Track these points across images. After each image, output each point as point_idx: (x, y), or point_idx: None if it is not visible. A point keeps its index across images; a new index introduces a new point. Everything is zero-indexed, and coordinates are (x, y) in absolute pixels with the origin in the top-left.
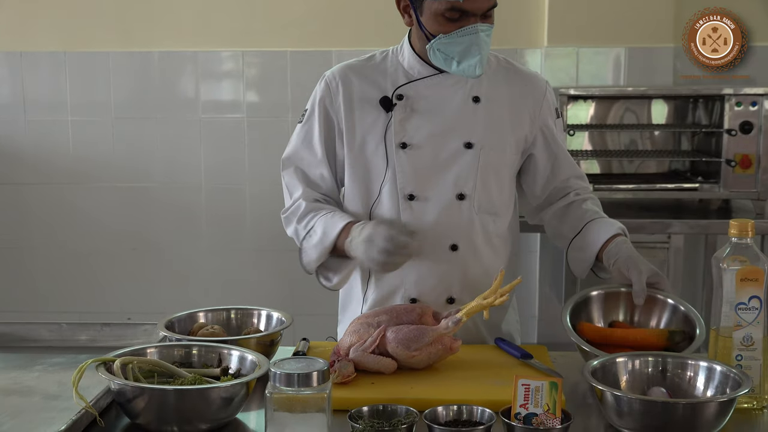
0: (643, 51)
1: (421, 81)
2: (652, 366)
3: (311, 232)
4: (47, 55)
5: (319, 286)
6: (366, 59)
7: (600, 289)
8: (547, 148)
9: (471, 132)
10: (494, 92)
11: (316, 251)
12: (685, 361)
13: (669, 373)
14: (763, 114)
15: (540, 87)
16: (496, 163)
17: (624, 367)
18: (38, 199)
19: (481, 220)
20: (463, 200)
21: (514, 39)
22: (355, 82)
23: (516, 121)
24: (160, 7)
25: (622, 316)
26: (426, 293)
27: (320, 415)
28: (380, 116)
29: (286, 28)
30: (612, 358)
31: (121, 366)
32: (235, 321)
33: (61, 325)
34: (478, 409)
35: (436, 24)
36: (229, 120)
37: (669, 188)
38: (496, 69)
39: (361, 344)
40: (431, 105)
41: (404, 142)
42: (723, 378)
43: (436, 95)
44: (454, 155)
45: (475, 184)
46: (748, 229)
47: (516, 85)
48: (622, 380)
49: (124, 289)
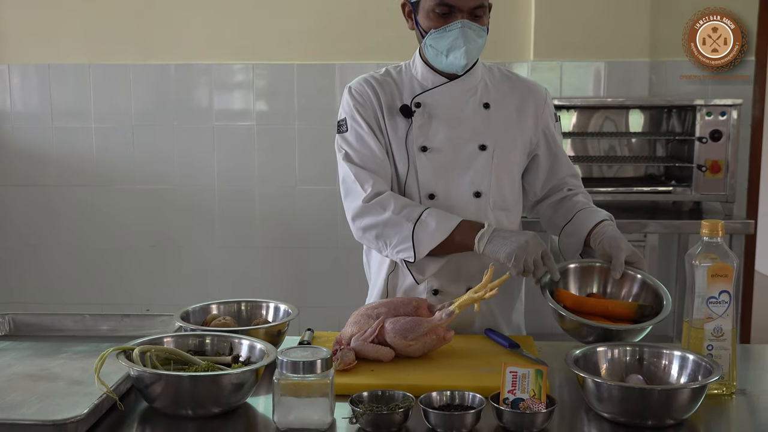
0: (621, 65)
1: (436, 90)
2: (630, 355)
3: (421, 222)
4: (73, 67)
5: (322, 281)
6: (383, 73)
7: (577, 263)
8: (548, 149)
9: (484, 135)
10: (501, 99)
11: (433, 240)
12: (661, 351)
13: (645, 361)
14: (732, 123)
15: (541, 94)
16: (507, 163)
17: (604, 356)
18: (64, 201)
19: (495, 216)
20: (480, 198)
21: (503, 53)
22: (379, 92)
23: (522, 125)
24: (177, 24)
25: (596, 288)
26: (447, 285)
27: (324, 400)
28: (401, 123)
29: (293, 43)
30: (593, 348)
31: (139, 354)
32: (246, 313)
33: (85, 316)
34: (469, 394)
35: (428, 20)
36: (240, 127)
37: (645, 191)
38: (500, 78)
39: (361, 334)
40: (447, 111)
41: (424, 145)
42: (695, 366)
43: (450, 102)
44: (470, 157)
45: (490, 182)
46: (718, 229)
47: (519, 92)
48: (602, 368)
49: (143, 283)
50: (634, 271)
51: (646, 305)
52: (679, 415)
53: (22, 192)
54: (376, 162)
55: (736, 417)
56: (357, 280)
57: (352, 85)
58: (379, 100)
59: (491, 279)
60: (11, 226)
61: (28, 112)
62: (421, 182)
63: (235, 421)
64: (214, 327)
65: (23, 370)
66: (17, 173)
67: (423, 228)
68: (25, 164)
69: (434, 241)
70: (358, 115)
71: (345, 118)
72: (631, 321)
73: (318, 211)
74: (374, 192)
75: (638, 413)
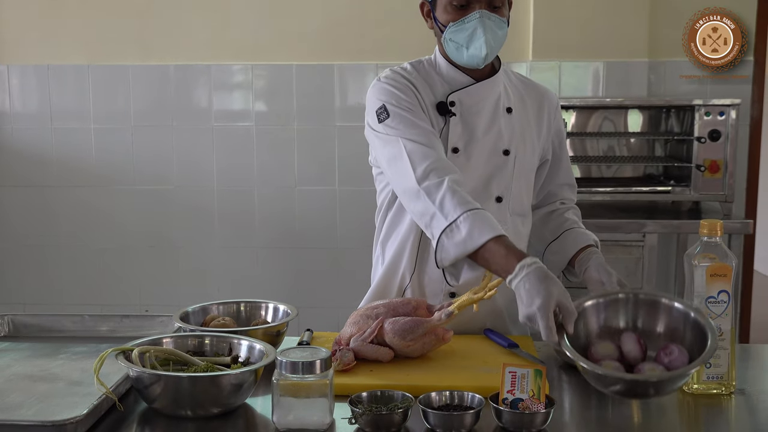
0: (620, 65)
1: (466, 90)
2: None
3: (453, 227)
4: (72, 68)
5: (321, 281)
6: (409, 68)
7: (596, 297)
8: (555, 154)
9: (509, 140)
10: (519, 104)
11: (457, 251)
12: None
13: (640, 318)
14: (730, 123)
15: (553, 99)
16: (526, 169)
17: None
18: (63, 201)
19: (513, 221)
20: (500, 203)
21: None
22: (415, 83)
23: (538, 130)
24: (176, 24)
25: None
26: (465, 289)
27: (323, 400)
28: (436, 120)
29: (292, 44)
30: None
31: (139, 354)
32: (245, 313)
33: (84, 317)
34: (468, 394)
35: (446, 14)
36: (239, 128)
37: (644, 191)
38: (517, 83)
39: (360, 335)
40: (479, 113)
41: (456, 146)
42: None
43: (477, 105)
44: (496, 161)
45: (511, 188)
46: (717, 228)
47: (534, 98)
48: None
49: (142, 283)
50: (669, 301)
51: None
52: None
53: (22, 193)
54: (429, 139)
55: (735, 417)
56: (356, 281)
57: (384, 77)
58: (416, 90)
59: (490, 280)
60: (10, 227)
61: (28, 113)
62: None
63: (235, 421)
64: (213, 328)
65: (23, 370)
66: (16, 174)
67: (451, 235)
68: (25, 165)
69: (457, 251)
70: (402, 99)
71: (383, 105)
72: None
73: (317, 212)
74: (428, 170)
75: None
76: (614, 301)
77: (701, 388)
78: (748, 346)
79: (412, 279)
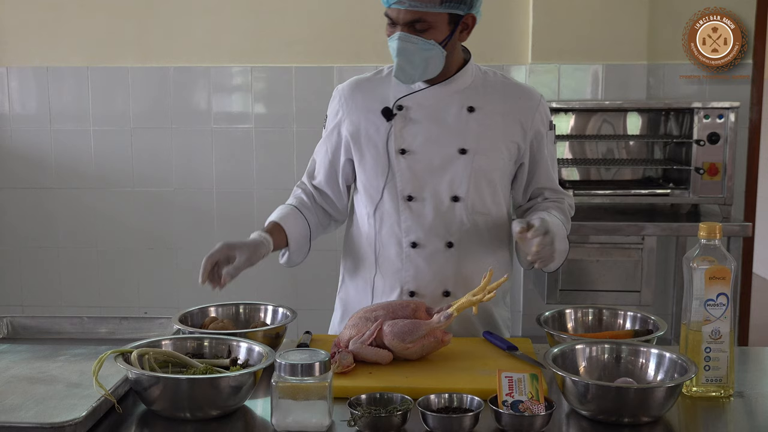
0: (619, 68)
1: (420, 93)
2: (608, 353)
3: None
4: (71, 69)
5: (320, 284)
6: (374, 74)
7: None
8: (533, 157)
9: (465, 139)
10: (488, 103)
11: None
12: (638, 348)
13: (623, 360)
14: (729, 126)
15: (533, 99)
16: (487, 168)
17: (582, 354)
18: (62, 203)
19: (474, 220)
20: (458, 202)
21: (501, 56)
22: (361, 95)
23: (509, 130)
24: (176, 26)
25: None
26: (423, 287)
27: (322, 402)
28: (382, 125)
29: (291, 46)
30: (571, 345)
31: (138, 357)
32: (244, 315)
33: (83, 319)
34: (467, 397)
35: (386, 29)
36: (238, 130)
37: (643, 194)
38: (493, 82)
39: (359, 337)
40: (428, 114)
41: (403, 148)
42: (672, 364)
43: (433, 105)
44: (449, 160)
45: (468, 187)
46: (716, 231)
47: (511, 97)
48: (581, 366)
49: (141, 285)
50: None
51: (640, 330)
52: (656, 412)
53: (21, 195)
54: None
55: (734, 420)
56: None
57: (339, 88)
58: (357, 104)
59: (489, 282)
60: (9, 229)
61: (27, 115)
62: (399, 185)
63: (234, 423)
64: (212, 330)
65: (21, 372)
66: (15, 176)
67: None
68: (24, 167)
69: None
70: (331, 120)
71: (327, 116)
72: None
73: None
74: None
75: (615, 411)
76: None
77: (700, 391)
78: (747, 348)
79: (375, 283)
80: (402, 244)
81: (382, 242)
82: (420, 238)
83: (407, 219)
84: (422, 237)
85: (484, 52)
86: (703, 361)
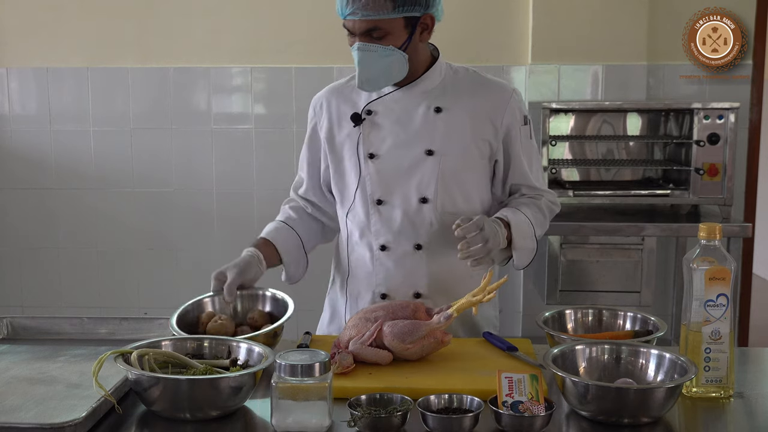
0: (619, 68)
1: (388, 96)
2: (608, 353)
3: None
4: (71, 70)
5: (319, 284)
6: (347, 80)
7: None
8: (506, 154)
9: (431, 140)
10: (456, 103)
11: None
12: (638, 349)
13: (623, 360)
14: (729, 126)
15: (504, 95)
16: (456, 169)
17: (582, 354)
18: (62, 203)
19: (444, 221)
20: (426, 203)
21: (501, 57)
22: (335, 103)
23: (478, 129)
24: (176, 27)
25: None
26: (394, 289)
27: (322, 403)
28: (353, 130)
29: (291, 47)
30: (571, 346)
31: (137, 357)
32: (240, 304)
33: (83, 320)
34: (467, 397)
35: (348, 40)
36: (238, 130)
37: (643, 194)
38: (463, 80)
39: (359, 338)
40: (396, 117)
41: (371, 152)
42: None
43: (401, 108)
44: (417, 162)
45: (437, 188)
46: (715, 232)
47: (480, 94)
48: (581, 367)
49: (141, 286)
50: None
51: (640, 330)
52: (656, 412)
53: (20, 195)
54: (301, 173)
55: (734, 420)
56: None
57: (314, 98)
58: (330, 111)
59: (489, 282)
60: (9, 230)
61: (27, 116)
62: (369, 189)
63: (234, 424)
64: (209, 330)
65: (21, 373)
66: (15, 176)
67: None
68: (24, 167)
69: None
70: (309, 129)
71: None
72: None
73: None
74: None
75: (615, 412)
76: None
77: (700, 392)
78: (747, 349)
79: (347, 286)
80: (372, 247)
81: (354, 245)
82: (389, 241)
83: (376, 222)
84: (391, 240)
85: (483, 52)
86: (703, 361)
